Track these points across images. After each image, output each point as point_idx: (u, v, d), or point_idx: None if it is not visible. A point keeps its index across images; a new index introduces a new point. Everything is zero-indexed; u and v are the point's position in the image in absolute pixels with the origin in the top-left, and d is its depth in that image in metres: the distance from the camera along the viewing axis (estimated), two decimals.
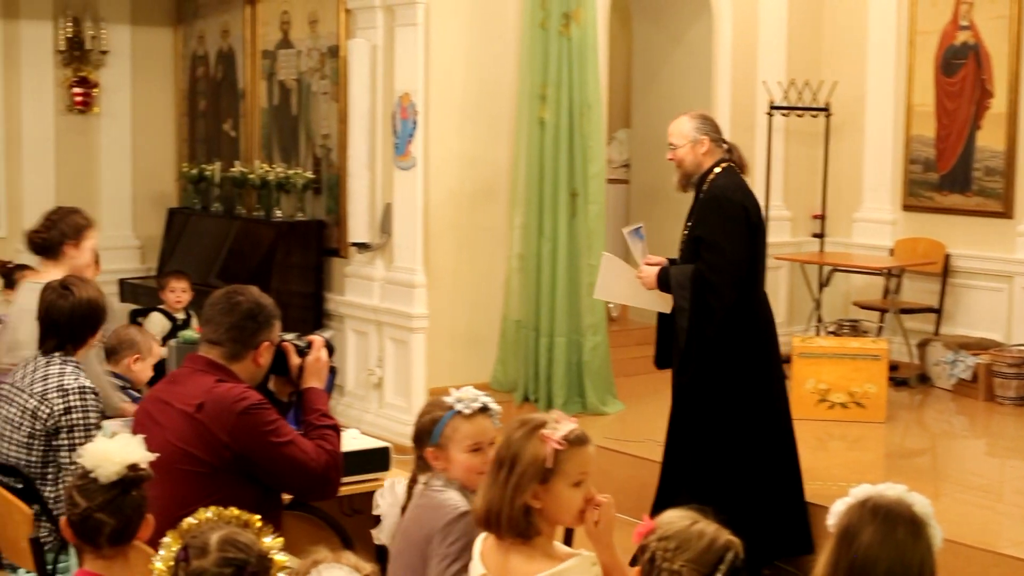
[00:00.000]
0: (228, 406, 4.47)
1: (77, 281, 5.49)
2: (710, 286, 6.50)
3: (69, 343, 5.37)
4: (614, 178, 11.45)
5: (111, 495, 3.68)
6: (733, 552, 3.11)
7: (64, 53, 11.93)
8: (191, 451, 4.46)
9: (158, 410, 4.63)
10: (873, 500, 3.03)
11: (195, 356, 4.70)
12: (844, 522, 3.02)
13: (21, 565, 5.07)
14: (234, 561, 3.10)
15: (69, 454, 5.11)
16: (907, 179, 10.67)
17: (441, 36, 9.27)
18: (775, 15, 10.83)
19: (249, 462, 4.48)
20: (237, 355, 4.65)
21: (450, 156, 9.34)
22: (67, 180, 12.04)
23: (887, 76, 10.77)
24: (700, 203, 6.67)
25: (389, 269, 9.61)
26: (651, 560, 3.12)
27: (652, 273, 6.64)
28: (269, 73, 11.30)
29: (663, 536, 3.13)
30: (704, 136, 6.69)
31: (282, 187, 10.67)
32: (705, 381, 6.66)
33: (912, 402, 9.57)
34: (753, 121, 10.73)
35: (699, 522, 3.15)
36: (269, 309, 4.72)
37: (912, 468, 8.17)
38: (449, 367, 9.32)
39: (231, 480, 4.48)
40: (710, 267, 6.50)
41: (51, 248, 6.43)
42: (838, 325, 10.07)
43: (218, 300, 4.72)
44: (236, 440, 4.45)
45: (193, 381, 4.59)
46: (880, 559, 2.94)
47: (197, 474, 4.45)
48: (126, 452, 3.73)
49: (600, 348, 9.11)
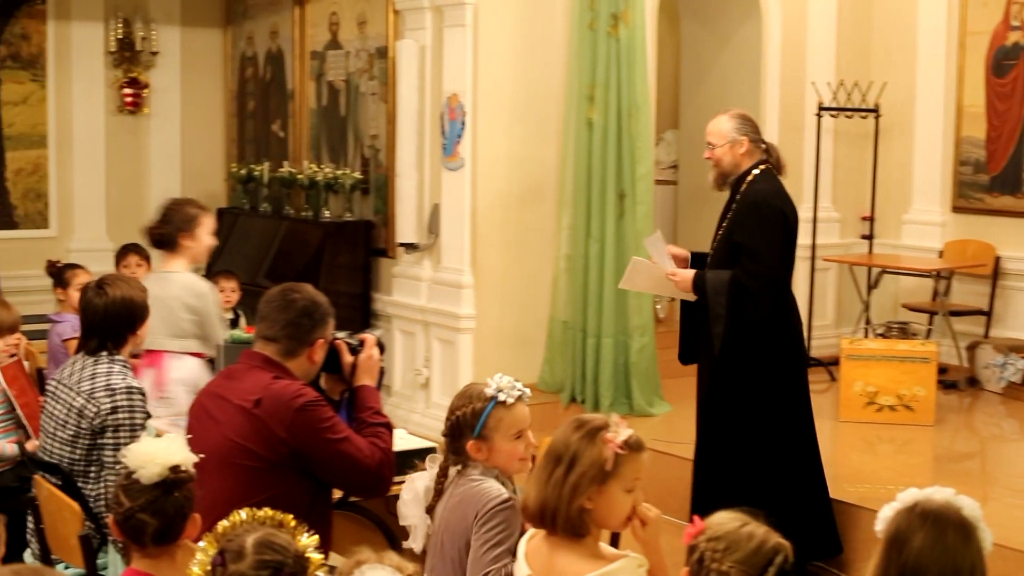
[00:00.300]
0: (286, 402, 4.51)
1: (114, 280, 5.51)
2: (749, 294, 6.46)
3: (109, 341, 5.38)
4: (662, 179, 11.42)
5: (153, 496, 3.70)
6: (783, 555, 3.10)
7: (115, 54, 12.01)
8: (248, 446, 4.51)
9: (214, 405, 4.67)
10: (922, 505, 3.01)
11: (251, 352, 4.74)
12: (893, 528, 3.01)
13: (69, 562, 5.10)
14: (271, 563, 3.10)
15: (113, 453, 5.15)
16: (957, 181, 10.60)
17: (489, 37, 9.28)
18: (824, 15, 10.77)
19: (305, 458, 4.52)
20: (292, 352, 4.70)
21: (498, 157, 9.34)
22: (117, 180, 12.13)
23: (937, 77, 10.70)
24: (739, 207, 6.61)
25: (436, 269, 9.63)
26: (700, 560, 3.12)
27: (687, 277, 6.58)
28: (318, 74, 11.34)
29: (713, 537, 3.12)
30: (743, 137, 6.65)
31: (330, 187, 10.71)
32: (740, 387, 6.63)
33: (961, 405, 9.51)
34: (802, 122, 10.67)
35: (749, 524, 3.14)
36: (324, 307, 4.77)
37: (961, 472, 8.13)
38: (496, 368, 9.20)
39: (286, 476, 4.52)
40: (749, 275, 6.46)
41: (168, 242, 6.72)
42: (887, 327, 10.01)
43: (274, 297, 4.77)
44: (293, 436, 4.49)
45: (250, 377, 4.64)
46: (931, 564, 2.93)
47: (253, 469, 4.50)
48: (169, 453, 3.75)
49: (647, 349, 9.09)
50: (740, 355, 6.57)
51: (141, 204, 12.30)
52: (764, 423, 6.64)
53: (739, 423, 6.63)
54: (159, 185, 12.33)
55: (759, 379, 6.62)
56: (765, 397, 6.63)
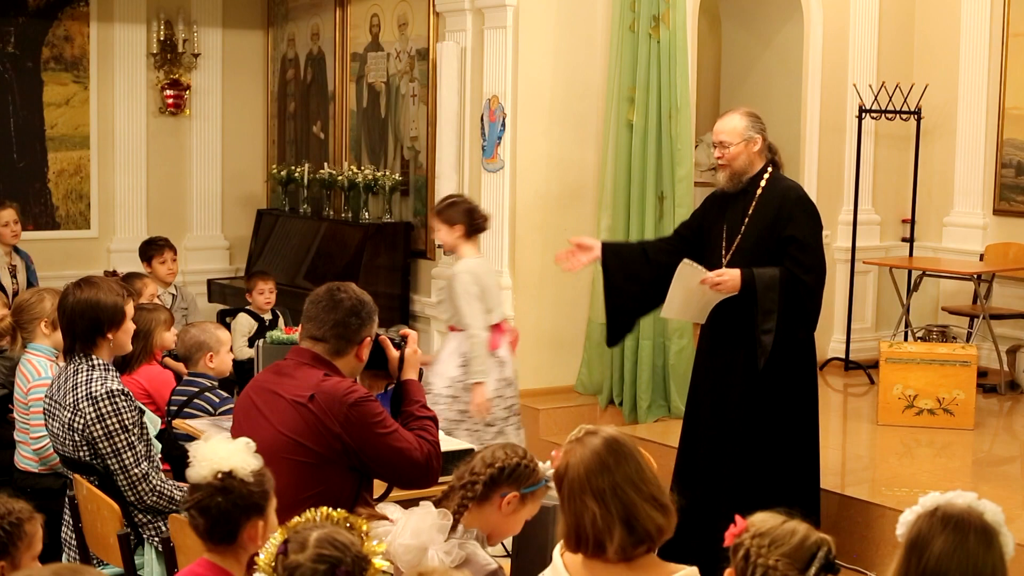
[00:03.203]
0: (340, 398, 4.58)
1: (89, 281, 5.48)
2: (806, 287, 6.46)
3: (78, 342, 5.36)
4: (701, 181, 11.38)
5: (200, 495, 3.74)
6: (826, 548, 3.13)
7: (157, 56, 12.08)
8: (302, 441, 4.57)
9: (264, 400, 4.72)
10: (943, 509, 3.02)
11: (300, 349, 4.80)
12: (914, 532, 3.02)
13: (108, 560, 5.13)
14: (329, 559, 3.20)
15: (117, 459, 5.19)
16: (999, 183, 10.56)
17: (530, 39, 9.28)
18: (867, 18, 10.73)
19: (358, 452, 4.59)
20: (340, 351, 4.78)
21: (538, 159, 9.35)
22: (158, 181, 12.20)
23: (980, 79, 10.66)
24: (777, 203, 6.54)
25: None
26: (746, 557, 3.14)
27: (736, 275, 6.50)
28: (358, 75, 11.37)
29: (757, 533, 3.15)
30: (758, 135, 6.59)
31: (370, 189, 10.74)
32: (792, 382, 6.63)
33: (1001, 409, 9.47)
34: (843, 124, 10.65)
35: (790, 520, 3.18)
36: (370, 305, 4.84)
37: (1000, 476, 8.09)
38: (534, 369, 9.33)
39: (335, 472, 4.60)
40: (804, 268, 6.45)
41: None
42: (927, 330, 9.98)
43: (321, 297, 4.82)
44: (347, 431, 4.56)
45: (302, 373, 4.70)
46: (951, 569, 2.93)
47: (304, 464, 4.56)
48: (222, 458, 3.78)
49: (686, 351, 9.06)
50: (794, 350, 6.57)
51: (182, 205, 12.38)
52: (806, 417, 6.69)
53: (787, 416, 6.62)
54: (200, 186, 12.41)
55: (807, 374, 6.67)
56: (809, 392, 6.70)
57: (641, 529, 3.49)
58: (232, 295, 11.22)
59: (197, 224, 12.43)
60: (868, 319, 10.93)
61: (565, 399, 9.34)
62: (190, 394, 6.46)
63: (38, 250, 10.54)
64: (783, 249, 6.49)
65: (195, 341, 6.72)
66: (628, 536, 3.48)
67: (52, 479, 6.33)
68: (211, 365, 6.67)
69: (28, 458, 6.47)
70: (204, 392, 6.48)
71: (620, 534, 3.48)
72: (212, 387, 6.54)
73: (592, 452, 3.55)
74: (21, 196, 11.36)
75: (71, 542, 5.43)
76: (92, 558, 5.26)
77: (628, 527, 3.48)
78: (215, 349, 6.71)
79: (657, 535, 3.52)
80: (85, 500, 5.16)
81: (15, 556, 3.65)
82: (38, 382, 6.37)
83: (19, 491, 6.19)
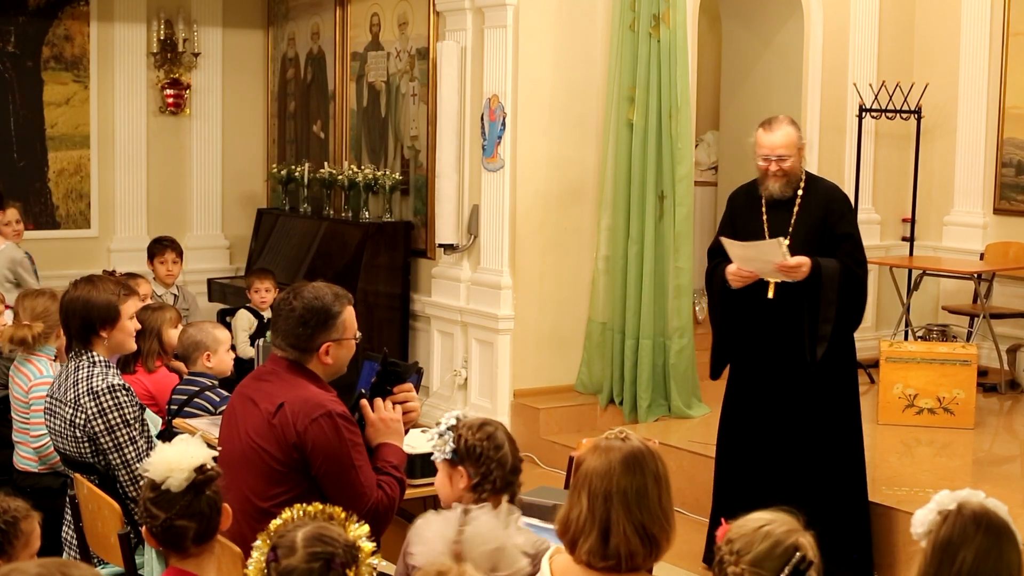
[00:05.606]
0: (307, 410, 4.52)
1: (91, 278, 5.53)
2: (860, 282, 6.64)
3: (74, 339, 5.41)
4: (702, 180, 11.39)
5: (187, 501, 3.72)
6: (800, 555, 3.07)
7: (157, 55, 12.07)
8: (267, 448, 4.54)
9: (242, 406, 4.71)
10: (970, 509, 2.98)
11: (274, 356, 4.76)
12: (945, 535, 2.97)
13: (108, 560, 5.13)
14: (321, 555, 3.18)
15: (119, 454, 5.20)
16: (999, 182, 10.55)
17: (530, 38, 9.28)
18: (867, 17, 10.73)
19: (312, 466, 4.52)
20: (301, 360, 4.71)
21: (538, 158, 9.35)
22: (158, 180, 12.19)
23: (980, 78, 10.65)
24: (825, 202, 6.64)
25: (475, 270, 9.63)
26: (720, 563, 3.13)
27: (807, 261, 6.47)
28: (358, 75, 11.36)
29: (728, 539, 3.13)
30: (804, 141, 6.78)
31: (370, 188, 10.73)
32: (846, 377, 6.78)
33: (1001, 408, 9.47)
34: (843, 123, 10.65)
35: (770, 524, 3.12)
36: (323, 311, 4.69)
37: (1001, 475, 8.08)
38: (534, 369, 9.33)
39: (304, 478, 4.54)
40: (858, 263, 6.63)
41: None
42: (927, 330, 9.97)
43: (278, 304, 4.78)
44: (304, 442, 4.50)
45: (276, 381, 4.67)
46: (987, 571, 2.90)
47: (273, 470, 4.52)
48: (190, 457, 3.77)
49: (686, 351, 9.07)
50: (847, 344, 6.73)
51: (182, 205, 12.37)
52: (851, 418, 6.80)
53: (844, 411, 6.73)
54: (200, 186, 12.40)
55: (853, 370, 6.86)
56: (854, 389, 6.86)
57: (612, 546, 3.47)
58: (232, 294, 11.21)
59: (197, 223, 12.42)
60: (868, 318, 10.87)
61: (565, 398, 9.33)
62: (190, 393, 6.45)
63: (38, 250, 10.53)
64: (836, 246, 6.60)
65: (192, 341, 6.73)
66: (600, 546, 3.48)
67: (52, 478, 6.33)
68: (209, 364, 6.67)
69: (27, 458, 6.47)
70: (204, 391, 6.47)
71: (593, 541, 3.49)
72: (212, 386, 6.54)
73: (607, 455, 3.55)
74: (21, 195, 11.34)
75: (72, 542, 5.43)
76: (93, 557, 5.26)
77: (603, 538, 3.48)
78: (212, 348, 6.70)
79: (628, 560, 3.48)
80: (85, 499, 5.15)
81: (12, 554, 3.65)
82: (39, 380, 6.38)
83: (19, 490, 6.20)
